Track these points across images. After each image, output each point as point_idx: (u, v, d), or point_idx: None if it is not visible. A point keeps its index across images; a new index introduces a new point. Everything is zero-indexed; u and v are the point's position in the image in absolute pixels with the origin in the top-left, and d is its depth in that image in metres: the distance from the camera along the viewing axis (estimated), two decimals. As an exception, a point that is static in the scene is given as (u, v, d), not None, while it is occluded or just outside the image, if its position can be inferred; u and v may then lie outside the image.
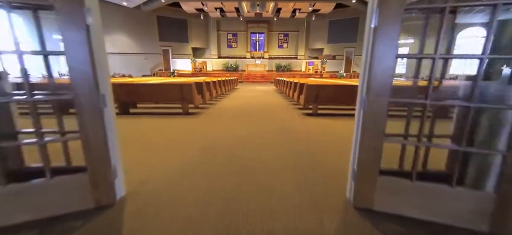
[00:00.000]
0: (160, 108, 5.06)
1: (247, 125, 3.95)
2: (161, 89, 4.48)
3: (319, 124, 4.08)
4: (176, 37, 19.24)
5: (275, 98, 7.84)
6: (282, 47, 21.33)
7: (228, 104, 6.31)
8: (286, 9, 16.80)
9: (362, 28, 17.76)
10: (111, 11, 15.74)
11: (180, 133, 3.53)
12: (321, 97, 4.51)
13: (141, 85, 4.47)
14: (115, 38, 16.43)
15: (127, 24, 16.73)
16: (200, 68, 16.78)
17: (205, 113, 4.87)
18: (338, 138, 3.35)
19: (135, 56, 17.41)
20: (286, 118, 4.52)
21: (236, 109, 5.58)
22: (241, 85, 13.17)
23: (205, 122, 4.18)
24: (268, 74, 16.27)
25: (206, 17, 19.22)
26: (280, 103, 6.65)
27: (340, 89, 4.53)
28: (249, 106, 5.98)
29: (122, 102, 4.53)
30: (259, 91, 10.27)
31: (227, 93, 8.98)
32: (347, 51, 18.85)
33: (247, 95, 8.59)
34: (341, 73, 15.34)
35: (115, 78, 7.44)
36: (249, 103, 6.43)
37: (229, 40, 21.18)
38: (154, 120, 4.27)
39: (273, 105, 6.19)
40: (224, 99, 7.29)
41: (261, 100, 7.18)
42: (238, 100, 7.30)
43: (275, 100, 7.33)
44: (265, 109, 5.48)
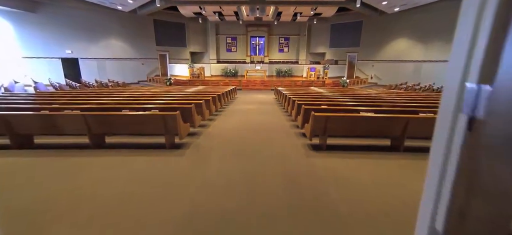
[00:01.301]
0: (142, 138, 4.33)
1: (240, 169, 3.20)
2: (140, 121, 3.75)
3: (331, 167, 3.34)
4: (174, 42, 18.50)
5: (274, 115, 7.09)
6: (283, 52, 20.57)
7: (222, 129, 5.57)
8: (287, 13, 16.03)
9: (366, 32, 16.99)
10: (105, 15, 15.01)
11: (155, 189, 2.77)
12: (331, 130, 3.77)
13: (116, 116, 3.74)
14: (110, 43, 15.72)
15: (123, 28, 16.01)
16: (198, 74, 16.05)
17: (192, 146, 4.13)
18: (367, 198, 2.59)
19: (131, 61, 16.69)
20: (288, 155, 3.77)
21: (229, 139, 4.83)
22: (240, 94, 12.43)
23: (189, 164, 3.44)
24: (268, 80, 15.53)
25: (204, 21, 18.48)
26: (280, 125, 5.90)
27: (356, 121, 3.78)
28: (245, 133, 5.23)
29: (94, 134, 3.80)
30: (259, 103, 9.52)
31: (224, 107, 8.25)
32: (350, 55, 18.06)
33: (245, 110, 7.85)
34: (344, 80, 14.56)
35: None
36: (245, 127, 5.68)
37: (228, 44, 20.43)
38: (129, 159, 3.54)
39: (272, 131, 5.43)
40: (220, 118, 6.55)
41: (259, 119, 6.43)
42: (234, 119, 6.55)
43: (275, 119, 6.58)
44: (263, 140, 4.72)
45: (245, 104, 9.19)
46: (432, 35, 14.25)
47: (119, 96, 6.77)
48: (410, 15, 14.62)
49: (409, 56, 15.31)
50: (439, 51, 14.18)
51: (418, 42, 14.90)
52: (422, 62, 14.80)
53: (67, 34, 14.05)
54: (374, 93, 9.18)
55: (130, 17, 15.98)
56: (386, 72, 16.39)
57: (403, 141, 3.75)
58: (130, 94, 7.47)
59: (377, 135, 3.94)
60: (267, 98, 11.12)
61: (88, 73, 14.89)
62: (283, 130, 5.39)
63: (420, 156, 3.71)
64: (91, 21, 14.65)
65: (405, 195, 2.66)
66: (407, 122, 3.63)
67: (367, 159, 3.62)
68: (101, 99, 5.99)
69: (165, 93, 7.94)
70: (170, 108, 4.47)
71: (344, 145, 4.16)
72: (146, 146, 4.06)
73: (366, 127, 3.78)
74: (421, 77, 14.46)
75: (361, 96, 7.39)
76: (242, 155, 3.79)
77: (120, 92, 8.13)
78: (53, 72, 13.71)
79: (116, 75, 15.83)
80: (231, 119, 6.50)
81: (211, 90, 9.07)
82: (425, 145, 4.09)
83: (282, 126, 5.76)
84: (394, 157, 3.68)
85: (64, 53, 14.19)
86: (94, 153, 3.72)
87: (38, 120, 3.70)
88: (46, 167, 3.32)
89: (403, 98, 7.13)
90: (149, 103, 5.21)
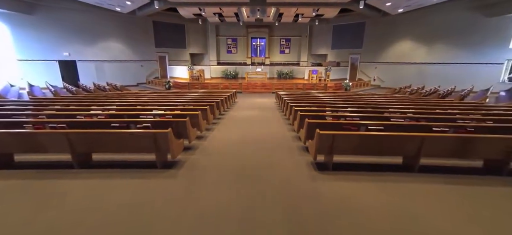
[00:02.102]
0: (132, 155, 3.97)
1: (238, 197, 2.83)
2: (128, 139, 3.39)
3: (338, 193, 2.97)
4: (173, 43, 18.14)
5: (276, 124, 6.72)
6: (284, 53, 20.16)
7: (220, 142, 5.21)
8: (289, 14, 15.62)
9: (369, 34, 16.56)
10: (104, 17, 14.67)
11: (140, 225, 2.41)
12: (338, 149, 3.40)
13: (103, 134, 3.38)
14: (109, 45, 15.38)
15: (121, 30, 15.67)
16: (198, 76, 15.68)
17: (186, 165, 3.77)
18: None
19: (130, 63, 16.35)
20: (291, 179, 3.39)
21: (227, 157, 4.48)
22: (240, 98, 12.07)
23: (182, 190, 3.07)
24: (269, 83, 15.15)
25: (204, 22, 18.09)
26: (282, 137, 5.52)
27: (366, 139, 3.41)
28: (244, 148, 4.87)
29: (78, 153, 3.45)
30: (259, 108, 9.15)
31: (224, 113, 7.89)
32: (352, 57, 17.64)
33: (245, 117, 7.48)
34: (347, 83, 14.15)
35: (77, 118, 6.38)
36: (244, 140, 5.31)
37: (229, 46, 20.04)
38: (115, 183, 3.18)
39: (274, 145, 5.06)
40: (218, 127, 6.19)
41: (260, 130, 6.06)
42: (233, 129, 6.19)
43: (276, 129, 6.21)
44: (264, 158, 4.37)
45: (245, 110, 8.83)
46: (436, 37, 13.84)
47: (112, 105, 6.42)
48: (413, 16, 14.19)
49: (412, 58, 14.89)
50: (443, 53, 13.76)
51: (421, 44, 14.48)
52: (426, 64, 14.39)
53: (64, 36, 13.73)
54: (381, 98, 8.79)
55: (128, 18, 15.63)
56: (389, 75, 15.97)
57: (418, 160, 3.38)
58: (124, 101, 7.11)
59: (389, 153, 3.56)
60: (268, 103, 10.75)
61: (86, 76, 14.57)
62: (285, 143, 5.02)
63: (437, 178, 3.33)
64: (89, 23, 14.31)
65: (425, 231, 2.29)
66: (422, 140, 3.26)
67: (379, 182, 3.25)
68: (91, 110, 5.65)
69: (162, 99, 7.59)
70: (162, 123, 4.11)
71: (352, 163, 3.79)
72: (136, 164, 3.71)
73: (377, 146, 3.41)
74: (425, 80, 14.04)
75: (367, 103, 7.00)
76: (240, 178, 3.43)
77: (115, 99, 7.78)
78: (51, 75, 13.39)
79: (115, 78, 15.47)
80: (230, 129, 6.13)
81: (209, 96, 8.71)
82: (442, 164, 3.71)
83: (284, 138, 5.40)
84: (409, 179, 3.30)
85: (62, 55, 13.87)
86: (78, 174, 3.37)
87: (17, 138, 3.36)
88: (23, 191, 2.97)
89: (412, 105, 6.75)
90: (141, 114, 4.86)
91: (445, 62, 13.74)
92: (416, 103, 7.26)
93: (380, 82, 16.42)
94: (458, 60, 13.28)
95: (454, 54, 13.39)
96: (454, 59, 13.39)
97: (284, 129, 6.22)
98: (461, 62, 13.23)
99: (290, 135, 5.62)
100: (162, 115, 4.76)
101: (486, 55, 12.40)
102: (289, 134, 5.70)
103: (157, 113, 4.83)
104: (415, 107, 6.65)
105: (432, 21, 13.73)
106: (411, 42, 14.87)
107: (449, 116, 4.85)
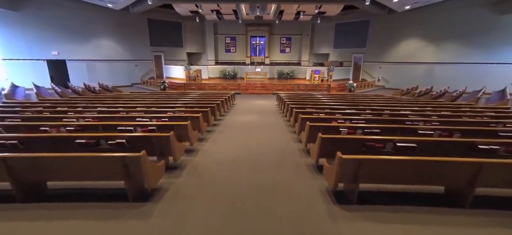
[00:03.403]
0: (97, 184, 3.10)
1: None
2: (89, 165, 2.53)
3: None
4: (170, 42, 17.21)
5: (278, 133, 5.86)
6: (284, 52, 19.28)
7: (213, 158, 4.35)
8: (290, 11, 14.73)
9: (373, 32, 15.71)
10: (95, 13, 13.74)
11: None
12: (367, 177, 2.56)
13: (55, 158, 2.51)
14: (101, 44, 14.45)
15: (114, 28, 14.74)
16: (195, 76, 14.79)
17: (168, 196, 2.91)
18: None
19: (123, 63, 15.42)
20: (302, 219, 2.52)
21: (221, 180, 3.64)
22: (239, 99, 11.21)
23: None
24: (269, 83, 14.28)
25: (202, 20, 17.18)
26: (287, 150, 4.67)
27: (402, 166, 2.55)
28: (242, 168, 4.01)
29: (24, 183, 2.59)
30: (259, 112, 8.29)
31: (220, 118, 7.03)
32: (355, 57, 16.79)
33: (243, 123, 6.61)
34: (351, 84, 13.30)
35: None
36: (242, 157, 4.46)
37: (227, 45, 19.14)
38: (69, 226, 2.32)
39: (278, 163, 4.21)
40: (213, 136, 5.33)
41: (260, 142, 5.20)
42: (230, 141, 5.33)
43: (279, 139, 5.35)
44: (267, 185, 3.52)
45: (244, 115, 7.97)
46: (445, 36, 13.00)
47: (93, 111, 5.55)
48: (421, 13, 13.35)
49: (419, 58, 14.05)
50: (452, 52, 12.93)
51: (429, 43, 13.64)
52: (434, 64, 13.55)
53: (53, 34, 12.80)
54: (393, 101, 7.94)
55: (122, 16, 14.69)
56: (394, 75, 15.13)
57: (470, 193, 2.54)
58: (107, 107, 6.24)
59: (429, 183, 2.72)
60: (268, 105, 9.89)
61: (76, 76, 13.65)
62: (291, 159, 4.16)
63: (501, 218, 2.48)
64: (80, 20, 13.38)
65: None
66: (479, 168, 2.42)
67: (418, 224, 2.40)
68: (65, 119, 4.77)
69: (151, 103, 6.72)
70: (140, 139, 3.26)
71: (379, 191, 2.95)
72: (103, 194, 2.84)
73: (414, 174, 2.56)
74: (432, 80, 13.22)
75: (381, 108, 6.15)
76: (236, 214, 2.58)
77: (100, 102, 6.90)
78: (38, 75, 12.47)
79: (108, 78, 14.55)
80: (226, 140, 5.27)
81: (204, 100, 7.85)
82: (499, 194, 2.86)
83: (289, 151, 4.55)
84: (460, 221, 2.46)
85: (50, 54, 12.94)
86: (20, 212, 2.51)
87: None
88: None
89: (431, 109, 5.91)
90: (121, 125, 3.99)
91: (454, 62, 12.91)
92: (435, 108, 6.40)
93: (385, 83, 15.58)
94: (468, 60, 12.46)
95: (464, 54, 12.57)
96: (464, 59, 12.56)
97: (288, 138, 5.38)
98: (471, 62, 12.40)
99: (296, 146, 4.77)
100: (144, 127, 3.90)
101: (498, 55, 11.58)
102: (295, 145, 4.85)
103: (139, 124, 3.96)
104: (436, 112, 5.81)
105: (441, 19, 12.89)
106: (418, 41, 14.03)
107: (490, 128, 4.00)
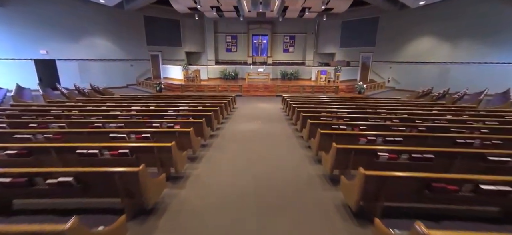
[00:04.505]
0: None
1: None
2: None
3: None
4: (167, 41, 16.16)
5: (288, 149, 4.81)
6: (288, 52, 18.18)
7: (206, 192, 3.31)
8: (294, 8, 13.63)
9: (383, 30, 14.59)
10: (87, 10, 12.71)
11: None
12: (389, 195, 1.50)
13: None
14: (94, 42, 13.42)
15: (109, 25, 13.70)
16: (193, 77, 13.75)
17: None
18: None
19: (118, 62, 14.39)
20: None
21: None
22: (240, 103, 10.16)
23: None
24: (272, 84, 13.22)
25: (201, 18, 16.10)
26: (302, 173, 3.61)
27: None
28: (243, 215, 2.97)
29: None
30: (263, 118, 7.24)
31: (219, 127, 5.98)
32: (363, 56, 15.68)
33: (245, 134, 5.57)
34: (361, 85, 12.20)
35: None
36: (243, 187, 3.42)
37: (228, 44, 18.06)
38: None
39: (292, 194, 3.17)
40: (208, 155, 4.28)
41: (266, 161, 4.15)
42: (228, 162, 4.28)
43: (289, 156, 4.30)
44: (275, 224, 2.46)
45: (247, 122, 6.91)
46: (462, 33, 11.87)
47: (62, 121, 4.51)
48: (437, 9, 12.23)
49: (433, 57, 12.93)
50: (470, 51, 11.80)
51: (444, 41, 12.50)
52: (449, 64, 12.43)
53: (41, 31, 11.78)
54: (417, 107, 6.84)
55: (116, 12, 13.66)
56: (406, 75, 14.02)
57: None
58: (80, 117, 5.19)
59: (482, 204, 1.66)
60: (273, 110, 8.84)
61: (67, 76, 12.63)
62: (312, 194, 3.11)
63: None
64: (71, 17, 12.35)
65: None
66: None
67: None
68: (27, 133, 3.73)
69: (137, 110, 5.67)
70: (127, 173, 2.22)
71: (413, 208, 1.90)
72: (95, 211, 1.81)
73: None
74: (447, 81, 12.11)
75: (408, 114, 5.08)
76: None
77: (78, 109, 5.86)
78: (25, 76, 11.48)
79: (102, 79, 13.56)
80: (223, 159, 4.21)
81: (202, 104, 6.81)
82: None
83: (305, 176, 3.50)
84: None
85: (38, 53, 11.93)
86: None
87: None
88: None
89: (471, 117, 4.83)
90: (83, 148, 2.95)
91: (472, 62, 11.79)
92: (472, 116, 5.31)
93: (395, 84, 14.48)
94: (487, 60, 11.33)
95: (483, 53, 11.43)
96: (483, 59, 11.44)
97: (301, 154, 4.33)
98: (491, 61, 11.28)
99: (313, 170, 3.71)
100: (113, 150, 2.86)
101: (522, 54, 10.48)
102: (312, 168, 3.79)
103: (105, 148, 2.92)
104: (475, 119, 4.72)
105: (458, 15, 11.77)
106: (432, 39, 12.90)
107: None
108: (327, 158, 3.13)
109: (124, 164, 2.62)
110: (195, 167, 3.75)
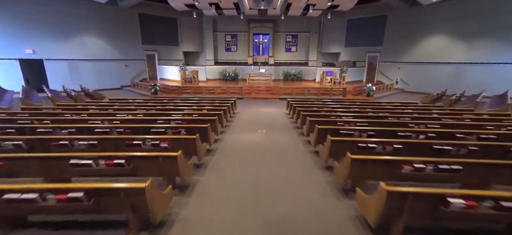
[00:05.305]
0: None
1: None
2: None
3: None
4: (164, 40, 15.22)
5: (300, 167, 3.90)
6: (290, 51, 17.26)
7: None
8: (298, 5, 12.69)
9: (391, 29, 13.69)
10: (78, 7, 11.78)
11: None
12: None
13: None
14: (85, 41, 12.48)
15: (101, 23, 12.77)
16: (191, 78, 12.84)
17: None
18: None
19: (112, 63, 13.46)
20: None
21: None
22: (240, 107, 9.26)
23: None
24: (274, 86, 12.33)
25: (199, 16, 15.15)
26: (325, 209, 2.71)
27: None
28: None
29: None
30: (267, 126, 6.32)
31: (217, 140, 5.08)
32: (370, 56, 14.77)
33: (247, 147, 4.66)
34: (370, 87, 11.28)
35: None
36: (247, 230, 2.51)
37: (228, 43, 17.13)
38: None
39: None
40: (203, 181, 3.38)
41: (276, 185, 3.24)
42: (226, 197, 3.38)
43: (304, 179, 3.39)
44: None
45: (249, 132, 6.00)
46: (478, 32, 10.97)
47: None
48: (450, 6, 11.34)
49: (446, 58, 12.03)
50: (486, 51, 10.91)
51: (458, 40, 11.60)
52: (464, 64, 11.54)
53: (27, 29, 10.83)
54: (444, 116, 5.93)
55: (109, 10, 12.72)
56: (415, 77, 13.12)
57: None
58: (50, 129, 4.27)
59: None
60: (277, 115, 7.94)
61: (56, 77, 11.70)
62: (337, 232, 2.22)
63: None
64: (60, 14, 11.42)
65: None
66: None
67: None
68: None
69: (123, 120, 4.76)
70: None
71: None
72: None
73: None
74: (460, 83, 11.23)
75: (433, 128, 4.19)
76: None
77: (49, 117, 4.95)
78: (10, 77, 10.56)
79: (94, 80, 12.64)
80: (223, 188, 3.30)
81: (198, 111, 5.90)
82: None
83: (329, 209, 2.60)
84: None
85: (24, 53, 10.98)
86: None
87: None
88: None
89: None
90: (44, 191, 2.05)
91: (489, 62, 10.89)
92: None
93: (404, 85, 13.58)
94: (507, 60, 10.45)
95: (501, 53, 10.55)
96: (501, 59, 10.55)
97: (320, 181, 3.43)
98: (510, 62, 10.40)
99: (342, 206, 2.81)
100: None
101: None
102: (339, 204, 2.89)
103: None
104: None
105: (473, 13, 10.88)
106: (444, 38, 12.00)
107: None
108: (371, 201, 2.21)
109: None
110: (183, 204, 2.83)
